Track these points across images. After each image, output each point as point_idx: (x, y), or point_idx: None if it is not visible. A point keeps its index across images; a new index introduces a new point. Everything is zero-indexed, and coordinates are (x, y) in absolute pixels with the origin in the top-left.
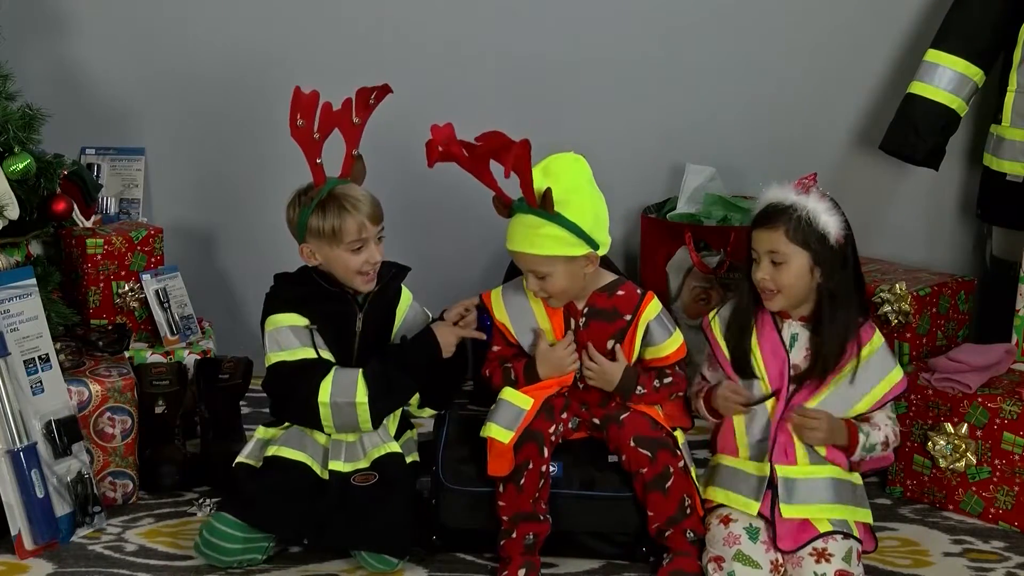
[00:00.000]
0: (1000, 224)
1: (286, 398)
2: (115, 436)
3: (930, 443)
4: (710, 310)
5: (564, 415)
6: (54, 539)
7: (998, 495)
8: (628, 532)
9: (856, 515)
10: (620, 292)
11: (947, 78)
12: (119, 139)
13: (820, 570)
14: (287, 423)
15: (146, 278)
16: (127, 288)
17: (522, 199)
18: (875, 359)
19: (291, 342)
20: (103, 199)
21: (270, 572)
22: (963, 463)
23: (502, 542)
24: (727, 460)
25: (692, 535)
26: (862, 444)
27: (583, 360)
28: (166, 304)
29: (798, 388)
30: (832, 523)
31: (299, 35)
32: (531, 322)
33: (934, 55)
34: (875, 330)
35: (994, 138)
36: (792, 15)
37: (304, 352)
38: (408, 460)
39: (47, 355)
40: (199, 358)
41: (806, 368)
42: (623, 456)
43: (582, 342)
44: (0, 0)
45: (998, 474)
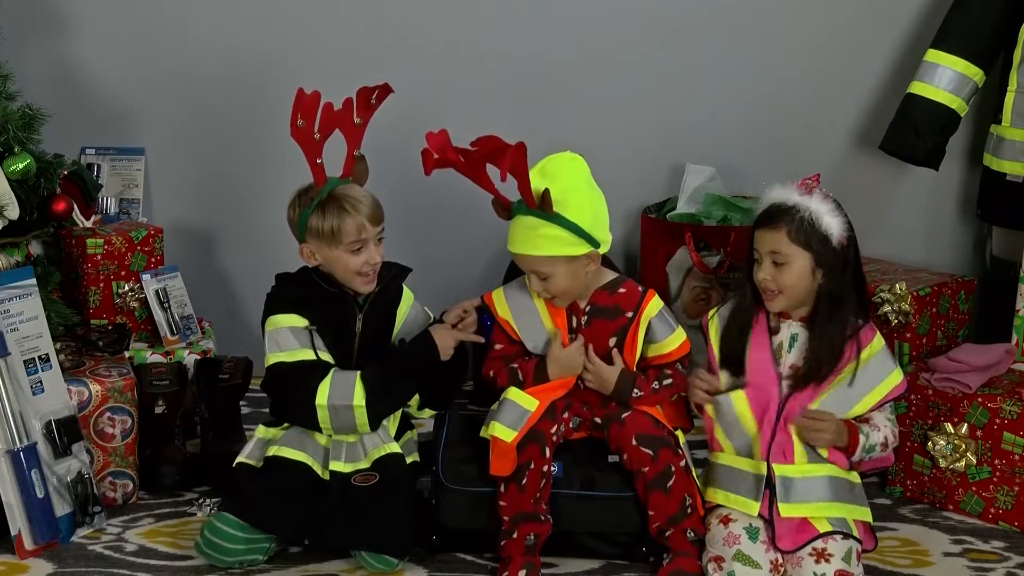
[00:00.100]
0: (1000, 224)
1: (284, 399)
2: (115, 436)
3: (930, 443)
4: (710, 310)
5: (566, 415)
6: (54, 539)
7: (998, 495)
8: (628, 532)
9: (855, 513)
10: (622, 290)
11: (947, 78)
12: (119, 139)
13: (820, 570)
14: (287, 423)
15: (146, 278)
16: (127, 288)
17: (521, 201)
18: (874, 362)
19: (290, 343)
20: (103, 199)
21: (270, 572)
22: (963, 463)
23: (503, 542)
24: (722, 458)
25: (692, 535)
26: (862, 445)
27: None
28: (166, 304)
29: (797, 388)
30: (831, 523)
31: (299, 35)
32: (535, 321)
33: (934, 55)
34: (876, 332)
35: (994, 138)
36: (792, 15)
37: (303, 354)
38: (408, 460)
39: (47, 355)
40: (199, 358)
41: (804, 369)
42: (624, 455)
43: (584, 341)
44: (0, 0)
45: (998, 474)
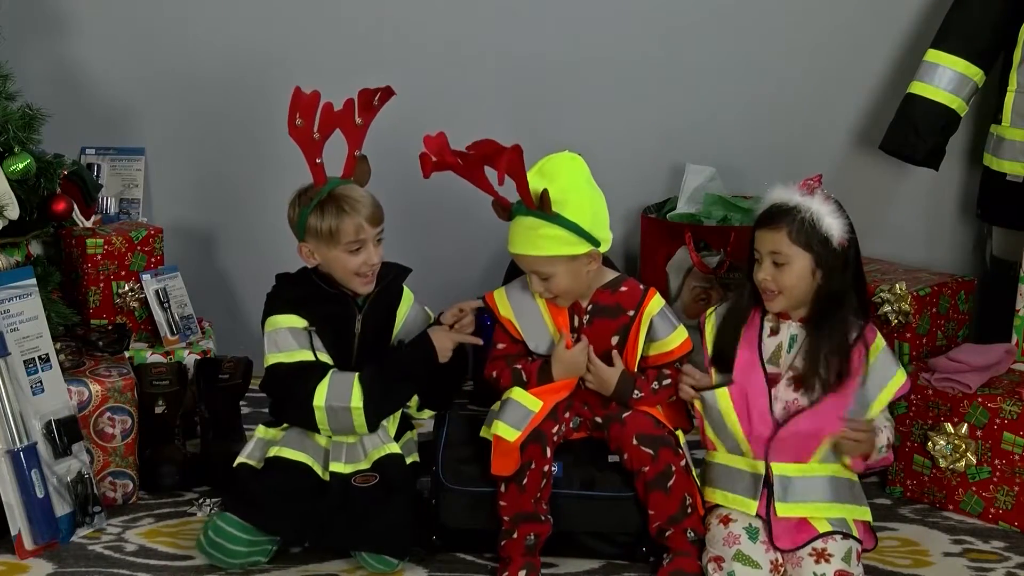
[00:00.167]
0: (1000, 224)
1: (283, 400)
2: (115, 436)
3: (930, 443)
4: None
5: (567, 415)
6: (54, 539)
7: (998, 495)
8: (628, 532)
9: (855, 513)
10: (623, 288)
11: (947, 78)
12: (119, 139)
13: (820, 570)
14: (286, 424)
15: (146, 278)
16: (127, 288)
17: (520, 201)
18: (878, 363)
19: (289, 344)
20: (103, 199)
21: (270, 572)
22: (963, 463)
23: (503, 542)
24: (718, 457)
25: (693, 535)
26: (877, 448)
27: None
28: (166, 304)
29: (796, 388)
30: (831, 523)
31: (299, 35)
32: (537, 320)
33: (934, 55)
34: (876, 332)
35: (994, 138)
36: (792, 15)
37: (302, 354)
38: (408, 461)
39: (47, 355)
40: (199, 358)
41: (803, 370)
42: (625, 455)
43: (587, 342)
44: (0, 0)
45: (998, 474)
